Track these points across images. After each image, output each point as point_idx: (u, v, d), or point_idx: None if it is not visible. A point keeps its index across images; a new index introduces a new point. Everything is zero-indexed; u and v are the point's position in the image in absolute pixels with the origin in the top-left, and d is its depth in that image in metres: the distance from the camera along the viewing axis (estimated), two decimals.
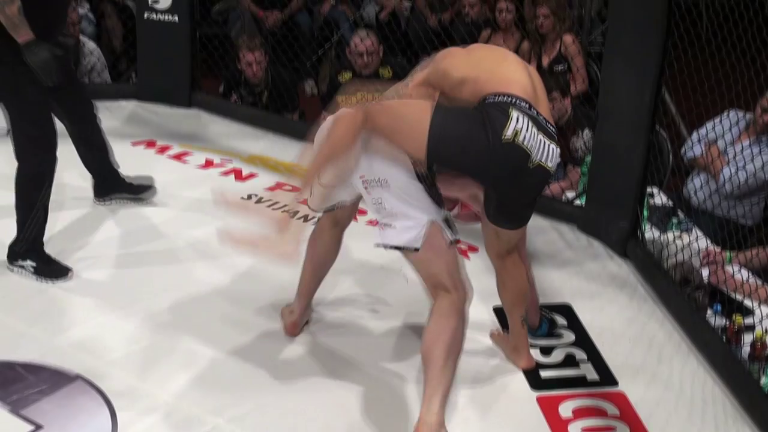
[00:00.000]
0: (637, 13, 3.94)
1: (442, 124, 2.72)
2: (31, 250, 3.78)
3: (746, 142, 4.66)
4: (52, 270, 3.77)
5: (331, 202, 3.14)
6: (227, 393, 3.07)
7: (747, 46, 3.66)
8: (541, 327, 3.50)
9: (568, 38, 5.88)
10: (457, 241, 2.95)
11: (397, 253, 2.94)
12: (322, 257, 3.39)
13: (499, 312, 3.64)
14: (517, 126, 2.75)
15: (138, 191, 4.46)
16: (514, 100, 2.81)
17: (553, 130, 2.88)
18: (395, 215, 2.85)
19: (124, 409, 2.94)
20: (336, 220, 3.30)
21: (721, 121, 4.52)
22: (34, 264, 3.76)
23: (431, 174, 2.85)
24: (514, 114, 2.75)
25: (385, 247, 2.90)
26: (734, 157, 4.51)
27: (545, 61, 5.93)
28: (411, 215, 2.84)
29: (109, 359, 3.20)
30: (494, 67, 2.95)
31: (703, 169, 4.76)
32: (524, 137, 2.76)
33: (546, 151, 2.81)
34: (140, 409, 2.95)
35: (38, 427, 2.84)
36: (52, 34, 3.72)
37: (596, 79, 5.65)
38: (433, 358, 2.81)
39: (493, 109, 2.77)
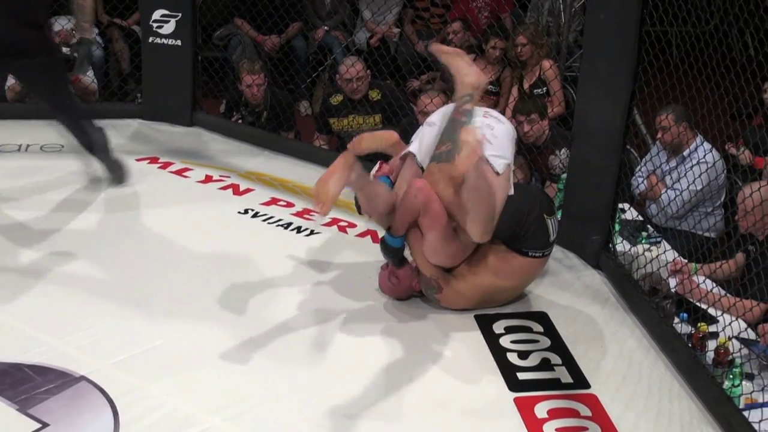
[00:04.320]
0: (610, 41, 3.96)
1: None
2: None
3: (673, 163, 4.81)
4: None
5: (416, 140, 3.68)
6: (224, 394, 3.08)
7: (711, 72, 3.70)
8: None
9: (546, 64, 5.91)
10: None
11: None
12: (381, 190, 3.60)
13: (479, 318, 3.66)
14: None
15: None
16: None
17: None
18: (496, 139, 3.48)
19: (126, 408, 2.95)
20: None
21: (650, 153, 4.81)
22: None
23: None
24: None
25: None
26: (669, 181, 4.69)
27: (526, 85, 5.97)
28: (503, 149, 3.51)
29: (113, 361, 3.20)
30: None
31: (650, 199, 4.90)
32: None
33: None
34: (141, 409, 2.96)
35: (45, 425, 2.84)
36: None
37: (572, 102, 5.68)
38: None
39: None
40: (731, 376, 3.22)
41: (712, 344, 3.40)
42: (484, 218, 3.39)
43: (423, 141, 3.65)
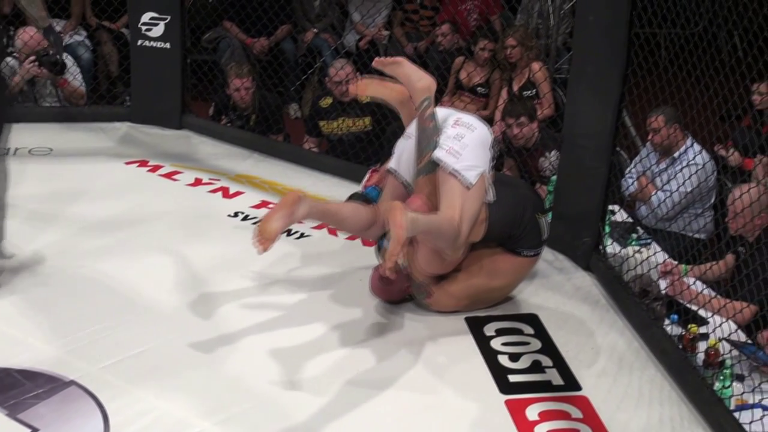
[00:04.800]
0: (600, 43, 3.97)
1: None
2: None
3: (663, 165, 4.83)
4: None
5: (395, 155, 3.61)
6: (214, 398, 3.07)
7: (701, 73, 3.71)
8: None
9: (535, 66, 5.92)
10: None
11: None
12: (349, 213, 3.53)
13: (470, 321, 3.66)
14: None
15: None
16: None
17: None
18: (466, 149, 3.39)
19: (116, 413, 2.93)
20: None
21: (640, 154, 4.83)
22: None
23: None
24: None
25: (447, 168, 3.37)
26: (660, 183, 4.70)
27: (515, 88, 5.98)
28: (475, 158, 3.40)
29: (103, 366, 3.19)
30: None
31: (641, 200, 4.92)
32: None
33: None
34: (131, 413, 2.94)
35: (35, 430, 2.83)
36: None
37: (562, 104, 5.68)
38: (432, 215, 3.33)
39: None
40: (722, 378, 3.23)
41: (702, 346, 3.40)
42: (447, 245, 3.41)
43: (403, 155, 3.62)
